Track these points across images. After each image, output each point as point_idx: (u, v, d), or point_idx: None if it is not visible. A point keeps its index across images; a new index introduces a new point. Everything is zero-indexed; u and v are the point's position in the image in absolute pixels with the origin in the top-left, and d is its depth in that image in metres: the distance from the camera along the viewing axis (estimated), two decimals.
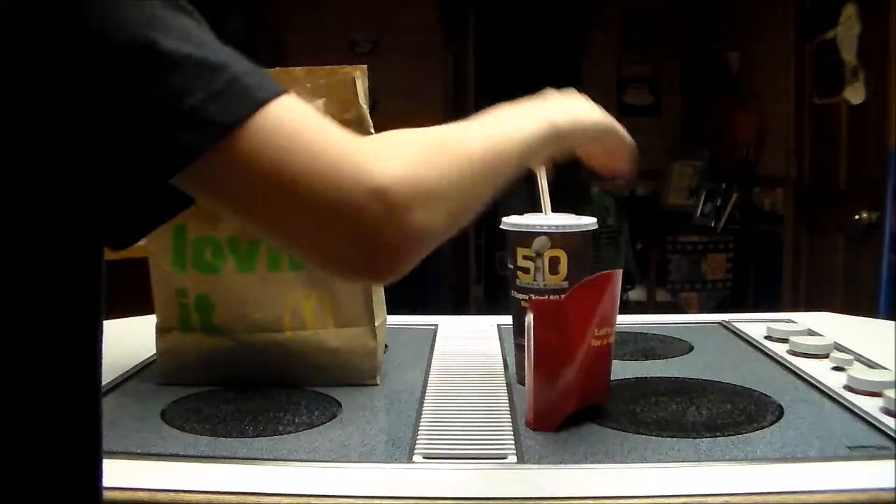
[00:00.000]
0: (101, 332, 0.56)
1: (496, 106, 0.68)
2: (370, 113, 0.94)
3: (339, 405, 0.88)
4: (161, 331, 0.98)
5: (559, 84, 0.79)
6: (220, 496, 0.66)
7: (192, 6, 0.51)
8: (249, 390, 0.95)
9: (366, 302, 0.96)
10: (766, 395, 0.90)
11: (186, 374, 0.96)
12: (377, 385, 0.96)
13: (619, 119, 0.80)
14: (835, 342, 1.07)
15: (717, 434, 0.78)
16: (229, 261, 0.95)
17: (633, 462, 0.73)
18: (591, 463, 0.73)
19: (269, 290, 0.95)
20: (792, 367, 1.00)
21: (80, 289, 0.53)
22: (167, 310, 0.97)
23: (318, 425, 0.83)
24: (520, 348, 0.93)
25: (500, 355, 1.07)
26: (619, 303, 0.85)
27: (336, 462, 0.73)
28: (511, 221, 0.93)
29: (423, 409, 0.86)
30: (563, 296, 0.83)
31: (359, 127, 0.91)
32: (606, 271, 0.82)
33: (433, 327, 1.23)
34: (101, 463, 0.56)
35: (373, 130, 0.92)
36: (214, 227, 0.94)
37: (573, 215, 0.94)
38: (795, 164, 3.65)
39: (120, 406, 0.89)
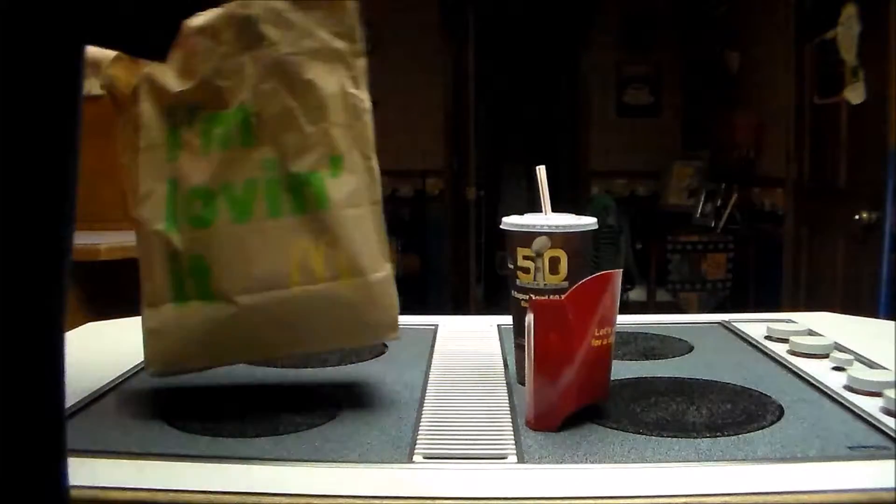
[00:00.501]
0: (62, 331, 0.54)
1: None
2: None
3: (339, 405, 0.88)
4: (150, 307, 0.83)
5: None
6: (220, 496, 0.66)
7: (195, 7, 0.50)
8: (249, 390, 0.95)
9: (381, 246, 0.85)
10: (766, 395, 0.90)
11: (182, 356, 0.84)
12: (398, 339, 0.88)
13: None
14: (835, 342, 1.07)
15: (717, 434, 0.78)
16: (223, 211, 0.82)
17: (633, 462, 0.73)
18: (591, 463, 0.73)
19: (270, 241, 0.82)
20: (792, 367, 1.00)
21: (38, 279, 0.52)
22: (158, 282, 0.83)
23: (318, 425, 0.83)
24: (520, 348, 0.93)
25: (500, 355, 1.07)
26: (619, 303, 0.85)
27: (336, 462, 0.73)
28: (511, 221, 0.93)
29: (423, 409, 0.86)
30: (563, 296, 0.83)
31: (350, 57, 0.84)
32: (606, 271, 0.82)
33: (433, 327, 1.23)
34: (65, 461, 0.55)
35: (362, 63, 0.86)
36: (206, 173, 0.82)
37: (573, 215, 0.94)
38: (795, 164, 3.66)
39: (120, 406, 0.89)
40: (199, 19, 0.82)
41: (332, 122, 0.83)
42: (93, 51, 0.81)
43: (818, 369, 0.98)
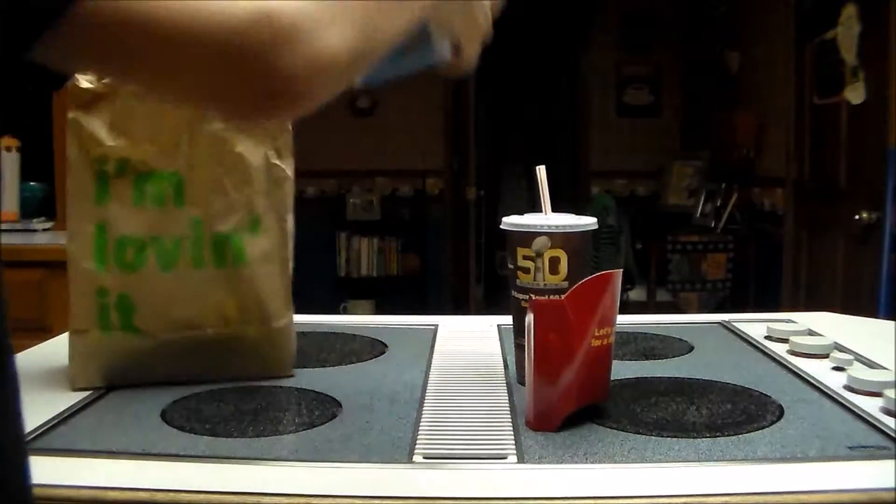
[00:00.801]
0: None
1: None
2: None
3: (339, 405, 0.88)
4: (76, 332, 0.94)
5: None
6: (220, 496, 0.66)
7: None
8: (249, 391, 0.95)
9: (286, 298, 0.98)
10: (766, 395, 0.90)
11: (103, 376, 0.93)
12: (293, 377, 0.98)
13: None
14: (835, 342, 1.07)
15: (717, 434, 0.78)
16: (151, 259, 0.93)
17: (633, 462, 0.73)
18: (591, 463, 0.73)
19: (192, 289, 0.94)
20: (792, 367, 1.00)
21: None
22: (85, 310, 0.93)
23: (318, 425, 0.83)
24: (520, 348, 0.93)
25: (500, 355, 1.07)
26: (619, 303, 0.85)
27: (336, 462, 0.73)
28: (511, 221, 0.93)
29: (423, 409, 0.86)
30: (563, 296, 0.83)
31: None
32: (606, 271, 0.82)
33: (433, 327, 1.23)
34: (27, 460, 0.53)
35: (287, 137, 0.97)
36: (137, 225, 0.93)
37: (573, 215, 0.94)
38: (795, 164, 3.66)
39: (120, 406, 0.89)
40: None
41: (255, 189, 0.95)
42: None
43: (818, 369, 0.98)
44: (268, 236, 0.97)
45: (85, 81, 0.90)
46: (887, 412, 0.82)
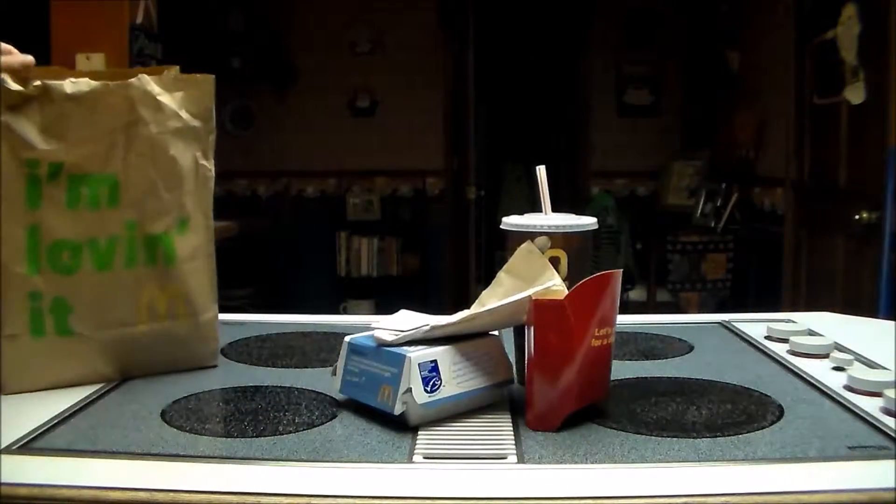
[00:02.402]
0: None
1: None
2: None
3: (339, 405, 0.88)
4: (8, 338, 0.92)
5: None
6: (220, 496, 0.66)
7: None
8: (249, 391, 0.95)
9: (212, 292, 1.03)
10: (766, 395, 0.90)
11: (36, 381, 0.93)
12: (217, 367, 1.03)
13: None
14: (835, 342, 1.07)
15: (717, 434, 0.78)
16: (87, 261, 0.94)
17: (633, 462, 0.73)
18: (591, 463, 0.73)
19: (126, 287, 0.96)
20: (792, 367, 1.00)
21: None
22: (15, 316, 0.92)
23: (318, 425, 0.83)
24: (520, 348, 0.93)
25: None
26: (619, 303, 0.85)
27: (336, 462, 0.74)
28: (511, 221, 0.93)
29: None
30: (563, 296, 0.82)
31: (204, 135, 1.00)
32: (606, 271, 0.82)
33: None
34: None
35: (212, 138, 1.01)
36: (73, 228, 0.93)
37: (573, 215, 0.94)
38: (795, 164, 3.65)
39: (120, 406, 0.89)
40: (73, 87, 0.91)
41: (185, 190, 0.98)
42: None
43: (818, 369, 0.98)
44: (195, 234, 1.00)
45: (14, 83, 0.89)
46: (887, 412, 0.82)
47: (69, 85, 0.91)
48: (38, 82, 0.90)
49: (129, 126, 0.94)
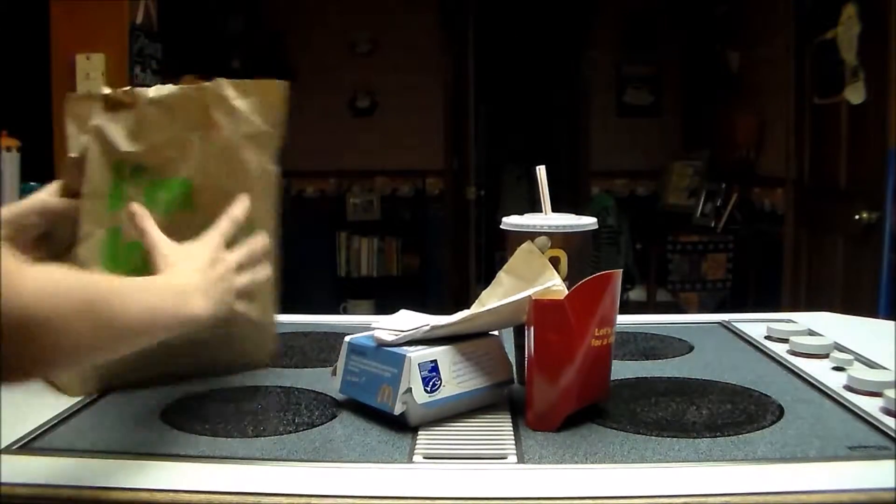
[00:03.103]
0: None
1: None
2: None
3: (339, 405, 0.88)
4: None
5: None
6: (220, 496, 0.66)
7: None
8: (249, 391, 0.95)
9: (273, 298, 1.04)
10: (766, 395, 0.90)
11: (97, 383, 0.93)
12: (270, 367, 1.04)
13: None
14: (835, 342, 1.07)
15: (717, 434, 0.78)
16: None
17: (633, 462, 0.73)
18: (591, 463, 0.73)
19: None
20: (792, 367, 1.00)
21: None
22: None
23: (318, 425, 0.83)
24: (520, 348, 0.93)
25: None
26: (619, 303, 0.85)
27: (336, 462, 0.74)
28: (511, 221, 0.93)
29: None
30: (563, 296, 0.82)
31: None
32: (606, 271, 0.82)
33: None
34: None
35: (279, 143, 1.00)
36: None
37: (573, 215, 0.94)
38: (795, 164, 3.65)
39: (120, 406, 0.89)
40: (155, 92, 0.93)
41: (254, 194, 0.97)
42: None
43: (818, 369, 0.98)
44: (262, 237, 0.99)
45: (107, 88, 0.92)
46: (887, 412, 0.82)
47: (152, 90, 0.93)
48: (127, 87, 0.92)
49: (203, 129, 0.95)
